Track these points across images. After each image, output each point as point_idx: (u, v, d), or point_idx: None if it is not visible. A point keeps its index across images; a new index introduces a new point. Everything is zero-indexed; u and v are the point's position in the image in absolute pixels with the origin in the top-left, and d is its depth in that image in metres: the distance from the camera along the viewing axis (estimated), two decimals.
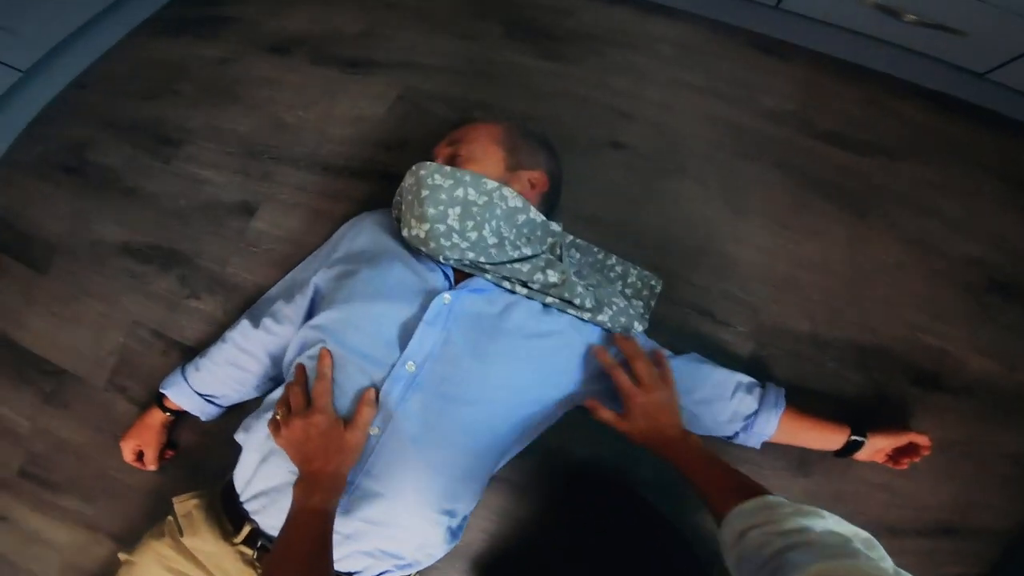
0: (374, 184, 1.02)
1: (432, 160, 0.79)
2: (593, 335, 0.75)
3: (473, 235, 0.69)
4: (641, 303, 0.88)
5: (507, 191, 0.71)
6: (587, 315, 0.72)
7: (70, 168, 1.11)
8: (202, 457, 0.97)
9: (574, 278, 0.72)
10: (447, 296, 0.69)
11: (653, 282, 0.89)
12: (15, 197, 1.12)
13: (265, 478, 0.70)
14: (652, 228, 0.95)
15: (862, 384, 0.88)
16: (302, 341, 0.74)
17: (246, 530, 0.71)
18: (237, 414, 0.93)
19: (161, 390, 0.87)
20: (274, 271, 0.98)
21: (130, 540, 1.00)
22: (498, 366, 0.69)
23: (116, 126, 1.14)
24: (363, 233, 0.83)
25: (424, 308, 0.69)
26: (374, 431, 0.66)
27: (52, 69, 1.19)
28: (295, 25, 1.19)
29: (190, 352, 0.98)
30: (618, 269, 0.91)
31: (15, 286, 1.07)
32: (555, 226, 0.77)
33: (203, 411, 0.88)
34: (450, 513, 0.70)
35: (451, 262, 0.72)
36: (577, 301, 0.71)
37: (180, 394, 0.86)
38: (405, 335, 0.69)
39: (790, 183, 0.98)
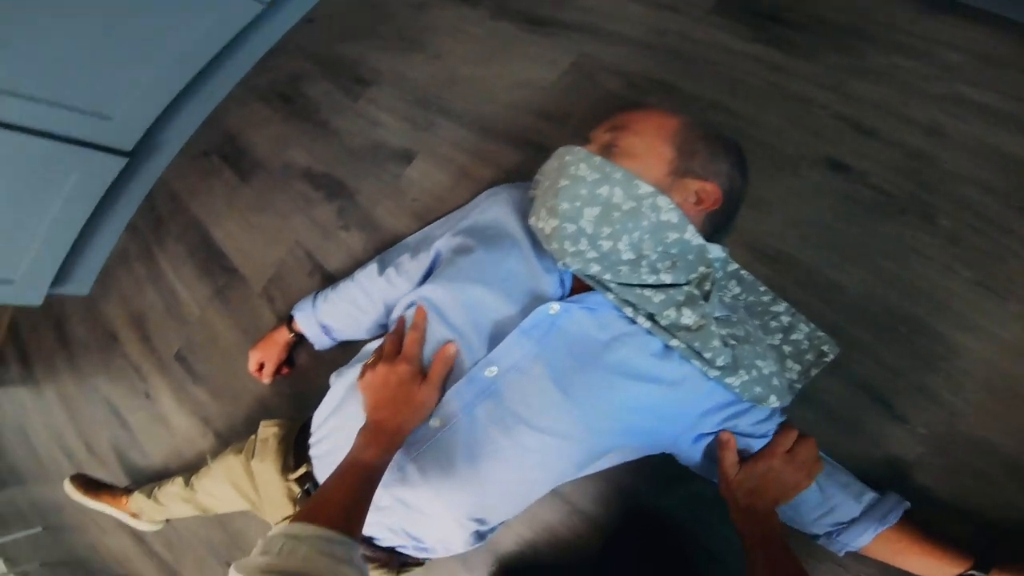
0: (526, 154, 0.96)
1: (586, 144, 0.66)
2: (716, 395, 0.60)
3: (606, 245, 0.58)
4: (799, 367, 0.71)
5: (662, 201, 0.58)
6: (714, 373, 0.58)
7: (286, 97, 1.27)
8: (308, 382, 1.06)
9: (714, 327, 0.58)
10: (555, 307, 0.60)
11: (826, 347, 0.70)
12: (243, 116, 1.33)
13: (334, 427, 0.71)
14: (854, 282, 0.72)
15: None
16: (409, 301, 0.72)
17: (301, 470, 0.73)
18: (348, 351, 1.00)
19: (292, 311, 0.95)
20: (414, 222, 0.99)
21: (228, 439, 1.16)
22: (585, 404, 0.59)
23: (325, 62, 1.26)
24: (494, 207, 0.75)
25: (526, 312, 0.61)
26: (435, 423, 0.61)
27: (290, 5, 1.35)
28: None
29: (330, 279, 1.06)
30: (784, 320, 0.73)
31: (223, 189, 1.27)
32: (715, 252, 0.61)
33: (318, 339, 0.94)
34: (482, 521, 0.65)
35: (572, 269, 0.62)
36: (708, 355, 0.57)
37: (305, 318, 0.92)
38: (496, 335, 0.62)
39: None
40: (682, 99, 0.91)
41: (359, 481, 0.55)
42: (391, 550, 0.72)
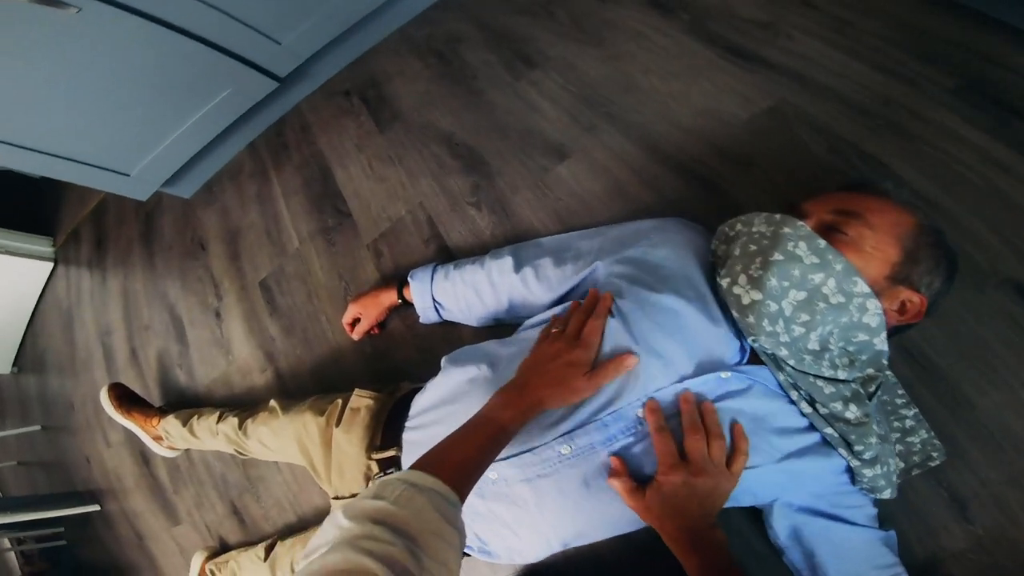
0: (692, 188, 0.89)
1: (800, 214, 0.62)
2: (836, 464, 0.61)
3: (798, 331, 0.56)
4: (903, 465, 0.69)
5: (872, 304, 0.55)
6: (855, 463, 0.59)
7: (441, 55, 1.23)
8: (393, 350, 1.03)
9: (874, 425, 0.58)
10: (726, 374, 0.59)
11: (936, 454, 0.69)
12: (392, 64, 1.30)
13: (439, 417, 0.68)
14: (988, 404, 0.70)
15: None
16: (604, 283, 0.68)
17: (390, 452, 0.71)
18: (447, 330, 0.96)
19: (409, 278, 0.91)
20: (553, 221, 0.94)
21: (289, 384, 1.15)
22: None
23: (490, 30, 1.21)
24: (669, 246, 0.68)
25: (697, 368, 0.59)
26: (564, 450, 0.59)
27: None
28: None
29: (446, 252, 1.02)
30: (908, 424, 0.70)
31: (356, 132, 1.25)
32: (887, 358, 0.60)
33: (425, 314, 0.91)
34: (567, 544, 0.65)
35: (758, 346, 0.59)
36: (858, 448, 0.58)
37: (420, 288, 0.89)
38: (661, 379, 0.60)
39: None
40: (887, 179, 0.79)
41: (488, 440, 0.53)
42: None
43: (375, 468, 0.72)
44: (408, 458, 0.70)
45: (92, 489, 1.56)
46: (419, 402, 0.72)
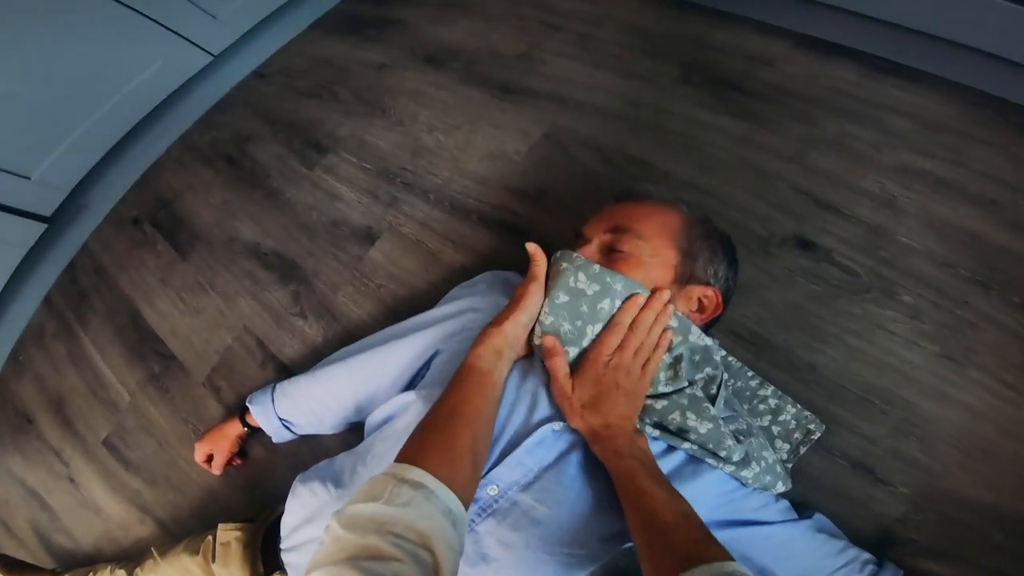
0: (499, 237, 0.91)
1: (581, 240, 0.63)
2: (719, 484, 0.59)
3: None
4: (788, 446, 0.70)
5: (667, 310, 0.56)
6: (729, 468, 0.57)
7: (231, 159, 1.16)
8: (265, 475, 0.96)
9: (723, 427, 0.56)
10: (558, 425, 0.56)
11: (812, 426, 0.70)
12: (181, 178, 1.20)
13: (310, 536, 0.65)
14: (830, 362, 0.73)
15: (1021, 555, 0.63)
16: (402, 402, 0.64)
17: None
18: (308, 443, 0.91)
19: (247, 403, 0.86)
20: (380, 312, 0.91)
21: (172, 529, 1.06)
22: (601, 510, 0.55)
23: (277, 123, 1.16)
24: (479, 311, 0.68)
25: (529, 429, 0.56)
26: (492, 491, 0.55)
27: (239, 56, 1.24)
28: (454, 36, 1.12)
29: (284, 370, 0.96)
30: (772, 403, 0.72)
31: (156, 264, 1.14)
32: (718, 353, 0.60)
33: (277, 434, 0.87)
34: None
35: None
36: (723, 453, 0.56)
37: (262, 412, 0.84)
38: (506, 448, 0.56)
39: None
40: (656, 176, 0.88)
41: (478, 396, 0.52)
42: None
43: None
44: (299, 564, 0.65)
45: None
46: (286, 524, 0.68)
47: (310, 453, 0.92)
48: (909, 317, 0.73)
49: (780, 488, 0.61)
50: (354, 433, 0.87)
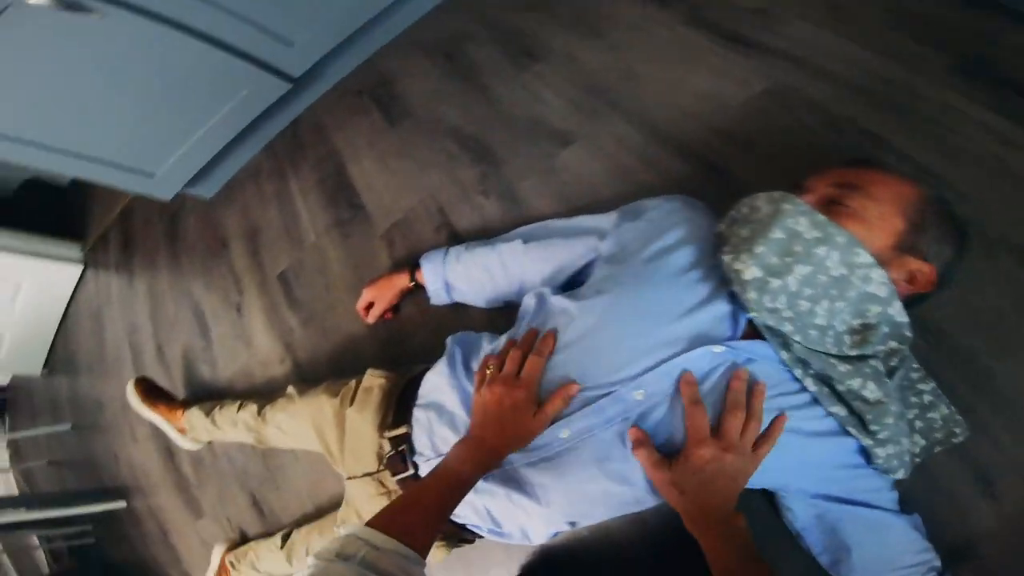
0: (695, 169, 0.91)
1: (802, 191, 0.62)
2: (847, 455, 0.59)
3: (804, 306, 0.55)
4: (924, 443, 0.67)
5: (877, 273, 0.54)
6: (869, 441, 0.57)
7: (449, 54, 1.28)
8: (407, 334, 1.06)
9: (894, 406, 0.56)
10: (718, 348, 0.57)
11: (958, 430, 0.67)
12: (402, 65, 1.35)
13: (443, 399, 0.71)
14: (1009, 375, 0.68)
15: None
16: (548, 307, 0.69)
17: (400, 430, 0.73)
18: (457, 313, 0.99)
19: (420, 260, 0.95)
20: (559, 205, 0.97)
21: (307, 371, 1.20)
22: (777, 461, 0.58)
23: (496, 28, 1.25)
24: (672, 226, 0.68)
25: (689, 344, 0.58)
26: (564, 434, 0.60)
27: None
28: None
29: (456, 238, 1.06)
30: (926, 399, 0.68)
31: (367, 128, 1.30)
32: (909, 329, 0.57)
33: (437, 295, 0.94)
34: (574, 524, 0.67)
35: (760, 321, 0.58)
36: (874, 428, 0.56)
37: (432, 271, 0.92)
38: (644, 358, 0.59)
39: None
40: (889, 154, 0.83)
41: (448, 491, 0.56)
42: (461, 526, 0.71)
43: (387, 447, 0.73)
44: (419, 435, 0.71)
45: (119, 486, 1.63)
46: (428, 383, 0.75)
47: (456, 321, 1.00)
48: None
49: (900, 475, 0.59)
50: (500, 313, 0.94)
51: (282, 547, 1.02)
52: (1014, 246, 0.73)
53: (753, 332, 0.60)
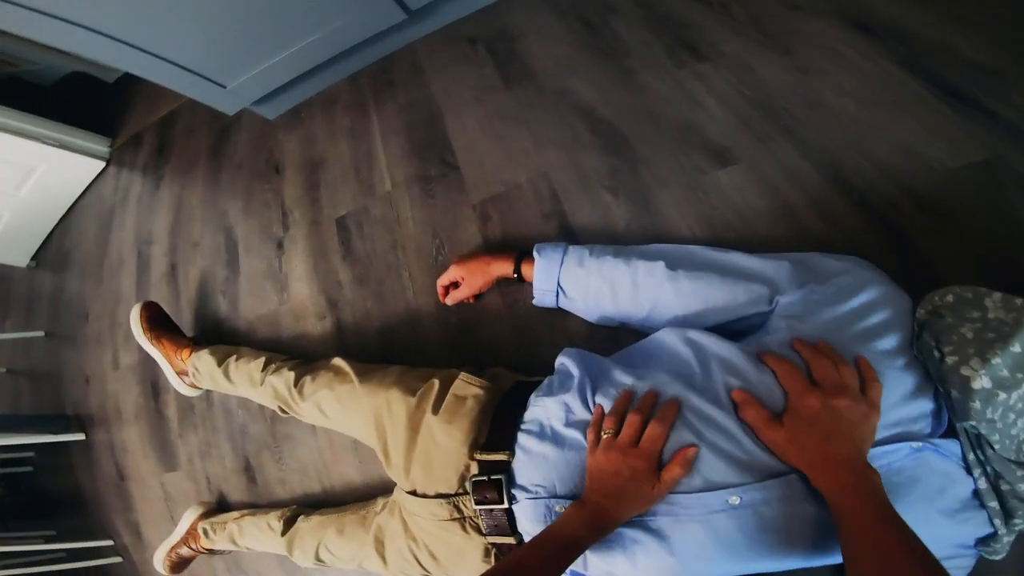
0: (875, 230, 0.77)
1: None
2: (977, 531, 0.56)
3: (1011, 419, 0.52)
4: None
5: None
6: (1004, 530, 0.55)
7: (588, 23, 1.11)
8: (483, 328, 0.90)
9: None
10: (917, 444, 0.53)
11: None
12: (529, 20, 1.18)
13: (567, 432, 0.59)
14: None
15: None
16: (710, 365, 0.59)
17: (499, 456, 0.61)
18: (555, 318, 0.84)
19: (535, 251, 0.80)
20: (702, 229, 0.82)
21: (350, 342, 1.02)
22: None
23: (651, 8, 1.08)
24: (880, 299, 0.60)
25: (891, 436, 0.53)
26: (735, 501, 0.52)
27: None
28: (902, 15, 0.95)
29: (567, 232, 0.90)
30: None
31: (477, 83, 1.13)
32: None
33: (543, 296, 0.80)
34: None
35: (969, 427, 0.55)
36: (1017, 521, 0.55)
37: (546, 267, 0.77)
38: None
39: None
40: None
41: (561, 557, 0.51)
42: None
43: (475, 469, 0.61)
44: (521, 467, 0.59)
45: (81, 414, 1.44)
46: (543, 404, 0.62)
47: (548, 329, 0.85)
48: None
49: (999, 556, 0.58)
50: (605, 332, 0.80)
51: (283, 533, 0.87)
52: None
53: (951, 430, 0.57)
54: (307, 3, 1.06)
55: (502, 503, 0.60)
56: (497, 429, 0.63)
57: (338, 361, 0.84)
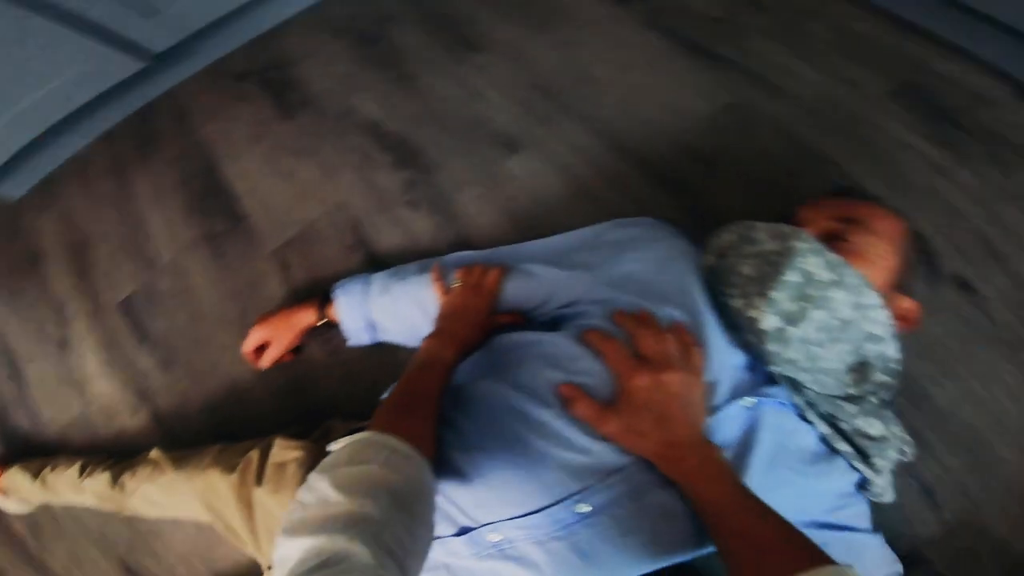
0: (660, 189, 0.81)
1: (798, 222, 0.60)
2: (851, 478, 0.58)
3: (816, 352, 0.52)
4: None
5: (882, 315, 0.53)
6: (871, 473, 0.56)
7: (366, 36, 1.06)
8: (311, 381, 0.82)
9: (897, 440, 0.57)
10: (749, 401, 0.53)
11: (907, 448, 0.66)
12: (303, 46, 1.09)
13: None
14: (944, 396, 0.73)
15: None
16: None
17: None
18: (380, 353, 0.77)
19: (334, 290, 0.73)
20: (506, 223, 0.80)
21: (173, 428, 0.90)
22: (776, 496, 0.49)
23: (427, 10, 1.06)
24: (661, 257, 0.61)
25: (720, 401, 0.52)
26: (583, 508, 0.48)
27: None
28: None
29: (374, 262, 0.83)
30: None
31: (252, 120, 1.02)
32: (900, 366, 0.57)
33: (356, 335, 0.73)
34: None
35: (778, 372, 0.56)
36: (877, 462, 0.56)
37: (350, 305, 0.71)
38: None
39: None
40: (844, 180, 0.81)
41: (441, 382, 0.54)
42: None
43: None
44: None
45: None
46: None
47: (379, 366, 0.78)
48: None
49: (888, 499, 0.59)
50: None
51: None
52: (949, 276, 0.76)
53: (770, 376, 0.57)
54: (27, 59, 0.87)
55: None
56: None
57: (154, 453, 0.75)
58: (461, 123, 0.89)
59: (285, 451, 0.63)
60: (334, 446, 0.44)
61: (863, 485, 0.58)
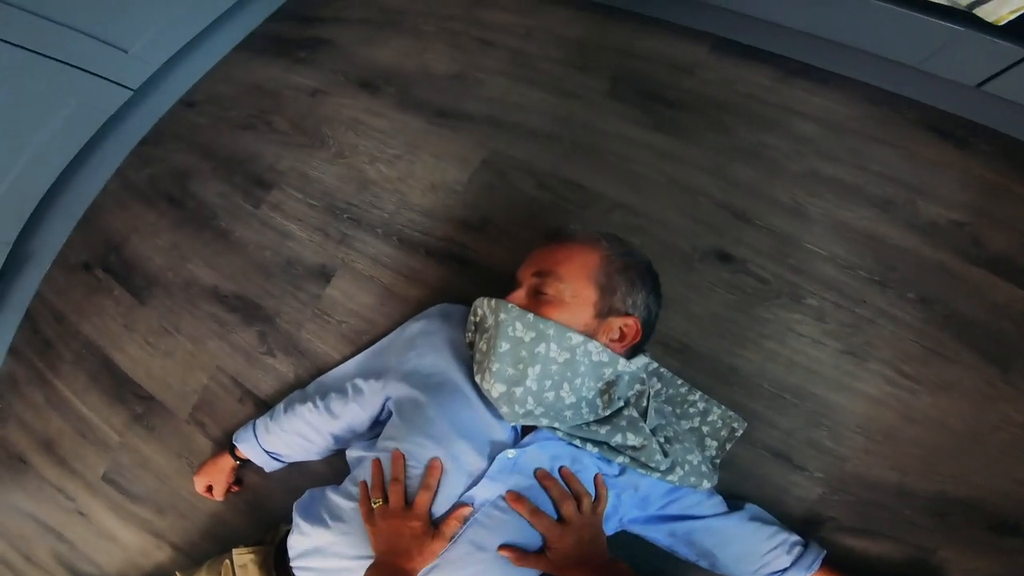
0: (450, 269, 0.96)
1: (516, 284, 0.69)
2: (655, 486, 0.70)
3: (549, 396, 0.62)
4: (716, 443, 0.80)
5: (592, 346, 0.62)
6: (656, 475, 0.66)
7: (173, 198, 1.15)
8: (264, 498, 1.05)
9: (654, 443, 0.65)
10: (511, 452, 0.64)
11: (736, 424, 0.79)
12: (124, 220, 1.19)
13: (317, 565, 0.71)
14: (748, 364, 0.82)
15: (932, 529, 0.75)
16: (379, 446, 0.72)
17: None
18: (299, 468, 0.97)
19: (233, 442, 0.93)
20: (344, 346, 0.97)
21: (188, 552, 1.14)
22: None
23: (215, 157, 1.14)
24: (431, 351, 0.75)
25: (490, 459, 0.64)
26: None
27: (161, 87, 1.20)
28: (386, 57, 1.10)
29: (263, 405, 1.02)
30: (700, 406, 0.81)
31: (118, 310, 1.15)
32: (643, 372, 0.68)
33: (268, 465, 0.93)
34: None
35: (522, 423, 0.66)
36: (652, 464, 0.65)
37: (249, 448, 0.91)
38: (472, 476, 0.65)
39: (930, 323, 0.79)
40: (590, 199, 0.93)
41: None
42: None
43: None
44: None
45: None
46: (293, 545, 0.74)
47: (301, 476, 1.00)
48: (814, 319, 0.82)
49: (706, 486, 0.69)
50: (341, 456, 0.94)
51: None
52: (704, 253, 0.87)
53: (528, 427, 0.68)
54: None
55: None
56: (281, 571, 0.75)
57: (177, 573, 0.93)
58: (279, 267, 1.04)
59: (242, 556, 0.81)
60: None
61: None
